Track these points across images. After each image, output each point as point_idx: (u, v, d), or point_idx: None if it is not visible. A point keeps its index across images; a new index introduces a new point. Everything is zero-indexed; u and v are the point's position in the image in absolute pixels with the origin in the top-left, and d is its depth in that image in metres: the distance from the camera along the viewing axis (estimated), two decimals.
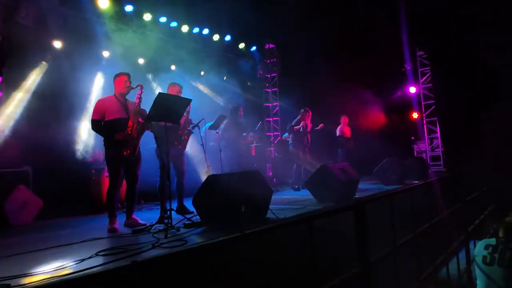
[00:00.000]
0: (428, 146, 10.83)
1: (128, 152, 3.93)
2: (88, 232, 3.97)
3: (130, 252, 2.85)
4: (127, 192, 4.24)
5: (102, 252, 2.88)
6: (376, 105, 10.75)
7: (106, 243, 3.35)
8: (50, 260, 2.78)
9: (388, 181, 7.03)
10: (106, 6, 6.80)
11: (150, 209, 5.83)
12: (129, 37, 7.36)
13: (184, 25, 8.95)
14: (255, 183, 4.01)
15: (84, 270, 2.42)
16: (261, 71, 11.97)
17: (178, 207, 4.84)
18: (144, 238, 3.41)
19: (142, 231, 3.70)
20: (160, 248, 2.93)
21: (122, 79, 4.23)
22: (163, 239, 3.24)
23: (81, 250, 3.06)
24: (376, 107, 10.79)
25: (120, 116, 4.10)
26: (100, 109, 4.09)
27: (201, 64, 9.39)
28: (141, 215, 4.55)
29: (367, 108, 10.89)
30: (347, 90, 10.41)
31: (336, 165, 5.35)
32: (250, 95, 11.48)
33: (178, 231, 3.59)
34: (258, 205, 4.00)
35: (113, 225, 3.88)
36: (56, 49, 6.39)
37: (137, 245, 3.10)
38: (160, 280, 2.00)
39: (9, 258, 2.95)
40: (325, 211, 1.84)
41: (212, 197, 3.67)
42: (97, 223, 4.60)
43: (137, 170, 4.22)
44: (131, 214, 4.20)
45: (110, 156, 4.07)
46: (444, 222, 3.53)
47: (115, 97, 4.22)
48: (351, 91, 10.41)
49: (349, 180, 5.26)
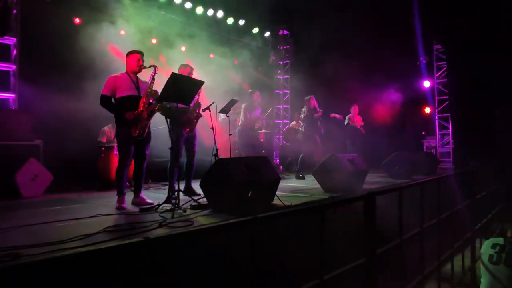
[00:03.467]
0: (439, 142, 10.69)
1: (137, 133, 3.93)
2: (97, 208, 4.03)
3: (137, 230, 2.89)
4: (135, 171, 4.27)
5: (109, 228, 2.92)
6: (389, 98, 10.60)
7: (114, 219, 3.39)
8: (60, 233, 2.83)
9: (396, 175, 6.98)
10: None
11: (158, 189, 5.88)
12: (143, 16, 7.32)
13: (198, 7, 8.86)
14: (263, 168, 4.01)
15: (92, 244, 2.46)
16: (274, 57, 11.84)
17: (186, 188, 4.88)
18: (151, 216, 3.44)
19: (149, 210, 3.74)
20: (166, 228, 2.96)
21: (135, 57, 4.21)
22: (170, 219, 3.27)
23: (90, 225, 3.11)
24: (389, 100, 10.64)
25: (131, 93, 4.10)
26: (111, 85, 4.09)
27: (213, 46, 9.33)
28: (148, 195, 4.60)
29: (379, 100, 10.75)
30: (359, 81, 10.29)
31: (345, 155, 5.31)
32: (261, 81, 11.39)
33: (184, 212, 3.62)
34: (265, 191, 4.01)
35: (121, 203, 3.93)
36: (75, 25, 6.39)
37: (144, 223, 3.13)
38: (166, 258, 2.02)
39: (20, 229, 3.00)
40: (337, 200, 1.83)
41: (220, 181, 3.68)
42: (106, 200, 4.66)
43: (146, 150, 4.24)
44: (139, 193, 4.24)
45: (120, 134, 4.10)
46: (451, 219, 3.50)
47: (127, 75, 4.21)
48: (364, 83, 10.29)
49: (357, 171, 5.23)
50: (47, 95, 6.00)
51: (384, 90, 10.66)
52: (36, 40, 6.28)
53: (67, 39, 6.37)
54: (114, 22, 6.81)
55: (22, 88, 6.20)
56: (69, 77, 6.27)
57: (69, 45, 6.31)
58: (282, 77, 12.24)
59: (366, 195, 1.84)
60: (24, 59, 6.21)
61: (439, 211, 2.97)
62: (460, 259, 3.88)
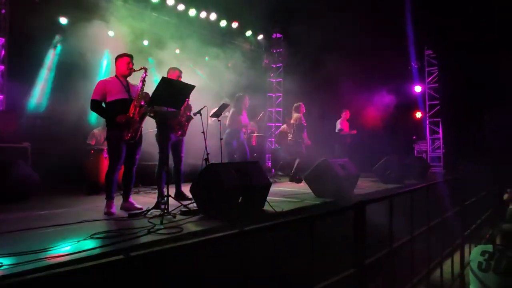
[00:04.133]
0: (430, 147, 10.78)
1: (129, 136, 3.88)
2: (85, 213, 3.96)
3: (125, 237, 2.83)
4: (125, 175, 4.21)
5: (97, 235, 2.86)
6: (381, 102, 10.67)
7: (102, 225, 3.33)
8: (45, 240, 2.77)
9: (387, 179, 7.01)
10: None
11: (148, 193, 5.82)
12: (135, 18, 7.26)
13: (191, 9, 8.83)
14: (254, 174, 3.98)
15: (79, 252, 2.41)
16: (267, 60, 11.85)
17: (176, 193, 4.83)
18: (139, 222, 3.39)
19: (138, 216, 3.68)
20: (155, 234, 2.91)
21: (125, 60, 4.15)
22: (159, 225, 3.23)
23: (77, 231, 3.05)
24: (381, 104, 10.71)
25: (122, 97, 4.04)
26: (101, 90, 4.02)
27: (206, 49, 9.30)
28: (138, 199, 4.55)
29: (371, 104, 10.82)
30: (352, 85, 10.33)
31: (337, 160, 5.32)
32: (254, 84, 11.37)
33: (174, 217, 3.57)
34: (256, 196, 3.98)
35: (110, 208, 3.86)
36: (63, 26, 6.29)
37: (132, 229, 3.08)
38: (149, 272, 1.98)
39: (4, 236, 2.93)
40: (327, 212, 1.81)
41: (210, 186, 3.64)
42: (94, 204, 4.59)
43: (137, 154, 4.18)
44: (128, 197, 4.18)
45: (111, 138, 4.03)
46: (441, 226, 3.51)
47: (117, 78, 4.15)
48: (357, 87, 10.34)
49: (349, 176, 5.24)
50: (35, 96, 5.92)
51: (376, 94, 10.74)
52: (25, 40, 6.18)
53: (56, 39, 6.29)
54: (105, 22, 6.74)
55: (10, 89, 6.10)
56: (58, 77, 6.20)
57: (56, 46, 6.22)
58: (275, 80, 12.25)
59: (356, 205, 1.83)
60: (12, 59, 6.12)
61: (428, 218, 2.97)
62: (450, 265, 3.90)
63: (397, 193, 2.48)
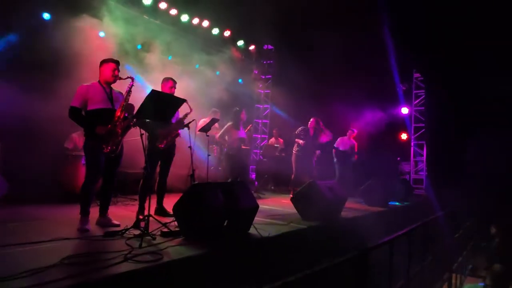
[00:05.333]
0: (413, 168, 10.85)
1: (109, 149, 3.62)
2: (56, 228, 3.68)
3: (98, 264, 2.58)
4: (103, 188, 3.95)
5: (67, 260, 2.59)
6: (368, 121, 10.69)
7: (74, 246, 3.06)
8: (8, 263, 2.49)
9: (371, 202, 6.94)
10: None
11: (127, 204, 5.53)
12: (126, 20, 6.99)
13: (184, 14, 8.63)
14: (241, 195, 3.80)
15: (42, 284, 2.15)
16: (256, 71, 11.73)
17: (158, 208, 4.58)
18: (116, 244, 3.13)
19: (115, 235, 3.42)
20: (132, 262, 2.66)
21: (110, 67, 3.90)
22: (137, 249, 2.99)
23: (46, 253, 2.78)
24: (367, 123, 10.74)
25: (104, 106, 3.79)
26: (82, 96, 3.75)
27: (195, 55, 9.10)
28: (115, 213, 4.27)
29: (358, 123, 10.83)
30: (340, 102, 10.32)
31: (325, 182, 5.19)
32: (242, 94, 11.23)
33: (154, 239, 3.33)
34: (242, 220, 3.79)
35: (84, 225, 3.58)
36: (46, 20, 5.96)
37: (107, 253, 2.83)
38: None
39: None
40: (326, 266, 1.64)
41: (195, 207, 3.43)
42: (68, 216, 4.28)
43: (117, 166, 3.94)
44: (105, 212, 3.92)
45: (90, 149, 3.77)
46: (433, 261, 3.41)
47: (100, 85, 3.89)
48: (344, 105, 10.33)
49: (336, 200, 5.12)
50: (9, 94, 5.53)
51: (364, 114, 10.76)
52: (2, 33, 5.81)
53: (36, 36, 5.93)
54: (92, 22, 6.46)
55: None
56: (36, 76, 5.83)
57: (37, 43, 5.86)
58: (264, 91, 12.14)
59: (358, 255, 1.67)
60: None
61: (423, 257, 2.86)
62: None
63: (396, 236, 2.34)
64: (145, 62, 7.92)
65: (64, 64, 5.93)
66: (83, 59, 6.06)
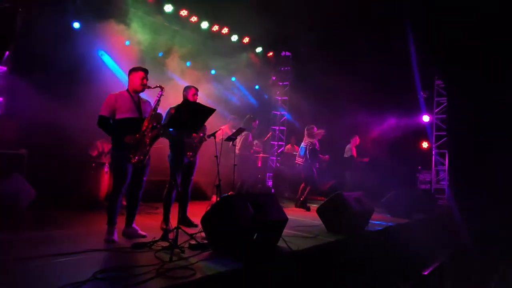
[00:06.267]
0: (434, 178, 10.58)
1: (136, 159, 3.58)
2: (84, 238, 3.66)
3: (131, 279, 2.52)
4: (129, 198, 3.90)
5: (100, 274, 2.54)
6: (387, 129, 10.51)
7: (104, 259, 3.02)
8: (42, 277, 2.45)
9: (396, 213, 6.76)
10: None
11: (149, 213, 5.50)
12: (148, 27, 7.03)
13: (204, 22, 8.64)
14: (270, 208, 3.71)
15: None
16: (274, 77, 11.67)
17: (181, 218, 4.51)
18: (145, 257, 3.07)
19: (143, 247, 3.36)
20: (165, 278, 2.59)
21: (139, 75, 3.86)
22: (167, 262, 2.92)
23: (78, 266, 2.74)
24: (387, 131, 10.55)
25: (132, 115, 3.75)
26: (111, 105, 3.72)
27: (214, 62, 9.13)
28: (139, 222, 4.22)
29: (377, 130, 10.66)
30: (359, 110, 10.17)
31: (351, 194, 5.06)
32: (259, 100, 11.19)
33: (183, 252, 3.26)
34: (271, 232, 3.69)
35: (111, 235, 3.54)
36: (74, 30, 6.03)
37: (138, 267, 2.77)
38: None
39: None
40: None
41: (224, 221, 3.35)
42: (93, 225, 4.27)
43: (143, 176, 3.88)
44: (132, 222, 3.87)
45: (117, 158, 3.73)
46: None
47: (129, 93, 3.86)
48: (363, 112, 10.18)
49: (363, 211, 4.98)
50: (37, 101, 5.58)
51: (383, 121, 10.58)
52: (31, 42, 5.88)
53: (64, 44, 5.99)
54: (117, 30, 6.50)
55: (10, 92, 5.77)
56: (63, 84, 5.88)
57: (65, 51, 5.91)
58: (281, 98, 12.05)
59: None
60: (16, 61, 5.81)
61: None
62: None
63: (447, 261, 2.21)
64: (164, 68, 7.95)
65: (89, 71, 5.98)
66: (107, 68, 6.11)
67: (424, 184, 10.76)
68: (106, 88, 5.15)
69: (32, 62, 5.65)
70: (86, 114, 5.57)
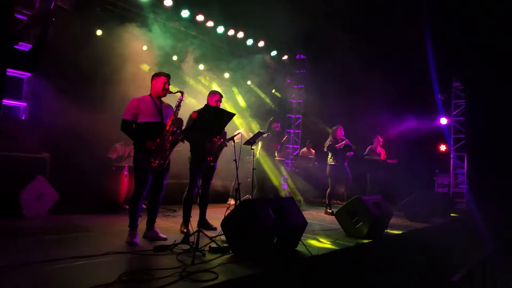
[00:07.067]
0: (453, 181, 10.38)
1: (157, 163, 3.63)
2: (106, 240, 3.72)
3: (155, 282, 2.55)
4: (150, 202, 3.96)
5: (125, 277, 2.58)
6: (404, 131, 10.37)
7: (127, 261, 3.06)
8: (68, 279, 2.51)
9: (414, 217, 6.67)
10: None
11: (167, 215, 5.56)
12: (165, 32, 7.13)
13: (219, 26, 8.71)
14: (290, 212, 3.70)
15: None
16: (289, 80, 11.67)
17: (200, 221, 4.55)
18: (168, 260, 3.11)
19: (165, 250, 3.40)
20: (188, 281, 2.62)
21: (161, 80, 3.93)
22: (190, 266, 2.95)
23: (101, 268, 2.79)
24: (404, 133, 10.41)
25: (154, 119, 3.82)
26: (133, 109, 3.79)
27: (230, 66, 9.20)
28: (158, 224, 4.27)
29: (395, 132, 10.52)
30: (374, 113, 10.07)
31: (370, 198, 5.01)
32: (274, 103, 11.20)
33: (204, 255, 3.29)
34: (290, 236, 3.69)
35: (133, 238, 3.60)
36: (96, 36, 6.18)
37: (161, 270, 2.80)
38: None
39: (18, 270, 2.66)
40: None
41: (245, 224, 3.37)
42: (115, 228, 4.34)
43: (164, 180, 3.93)
44: (153, 225, 3.92)
45: (139, 161, 3.79)
46: None
47: (151, 98, 3.93)
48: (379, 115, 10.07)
49: (382, 216, 4.92)
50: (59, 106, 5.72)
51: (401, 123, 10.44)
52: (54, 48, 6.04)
53: (86, 50, 6.13)
54: (136, 36, 6.61)
55: (33, 97, 5.94)
56: (83, 89, 6.03)
57: (87, 57, 6.05)
58: (296, 101, 12.03)
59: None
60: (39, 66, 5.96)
61: None
62: None
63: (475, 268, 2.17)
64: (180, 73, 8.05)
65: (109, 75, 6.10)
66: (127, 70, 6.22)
67: (442, 187, 10.57)
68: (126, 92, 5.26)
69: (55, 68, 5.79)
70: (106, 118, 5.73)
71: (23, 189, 4.48)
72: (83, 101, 5.75)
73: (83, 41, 6.01)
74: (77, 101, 5.72)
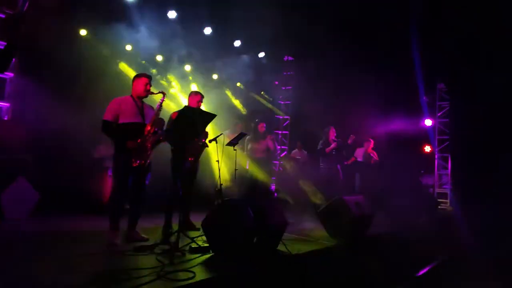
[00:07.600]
0: (437, 182, 10.56)
1: (138, 163, 3.64)
2: (86, 240, 3.71)
3: (132, 281, 2.56)
4: (131, 202, 3.95)
5: (103, 277, 2.60)
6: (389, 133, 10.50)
7: (105, 261, 3.08)
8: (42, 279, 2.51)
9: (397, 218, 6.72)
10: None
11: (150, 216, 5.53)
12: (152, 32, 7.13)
13: (207, 27, 8.73)
14: (270, 212, 3.75)
15: None
16: (277, 82, 11.74)
17: (184, 222, 4.57)
18: (147, 260, 3.12)
19: (145, 250, 3.41)
20: (165, 280, 2.64)
21: (143, 81, 3.95)
22: (168, 266, 2.97)
23: (79, 269, 2.79)
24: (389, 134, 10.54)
25: (135, 120, 3.83)
26: (114, 110, 3.79)
27: (216, 67, 9.22)
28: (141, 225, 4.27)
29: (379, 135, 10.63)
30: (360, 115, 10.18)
31: (352, 198, 5.07)
32: (262, 104, 11.26)
33: (183, 255, 3.32)
34: (271, 236, 3.73)
35: (114, 239, 3.60)
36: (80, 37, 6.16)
37: (139, 270, 2.82)
38: None
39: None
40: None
41: (225, 224, 3.41)
42: (95, 227, 4.33)
43: (145, 180, 3.95)
44: (134, 226, 3.92)
45: (119, 162, 3.78)
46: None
47: (132, 99, 3.94)
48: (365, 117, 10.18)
49: (363, 216, 4.98)
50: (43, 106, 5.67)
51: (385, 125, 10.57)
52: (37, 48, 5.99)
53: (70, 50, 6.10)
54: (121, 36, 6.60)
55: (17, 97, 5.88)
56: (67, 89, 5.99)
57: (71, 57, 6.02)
58: (284, 102, 12.11)
59: None
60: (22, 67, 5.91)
61: None
62: None
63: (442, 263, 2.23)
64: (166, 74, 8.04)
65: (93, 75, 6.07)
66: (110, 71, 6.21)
67: (426, 188, 10.74)
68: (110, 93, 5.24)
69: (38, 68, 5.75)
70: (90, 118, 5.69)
71: (4, 190, 4.43)
72: (66, 102, 5.72)
73: (67, 41, 5.97)
74: (61, 101, 5.68)
